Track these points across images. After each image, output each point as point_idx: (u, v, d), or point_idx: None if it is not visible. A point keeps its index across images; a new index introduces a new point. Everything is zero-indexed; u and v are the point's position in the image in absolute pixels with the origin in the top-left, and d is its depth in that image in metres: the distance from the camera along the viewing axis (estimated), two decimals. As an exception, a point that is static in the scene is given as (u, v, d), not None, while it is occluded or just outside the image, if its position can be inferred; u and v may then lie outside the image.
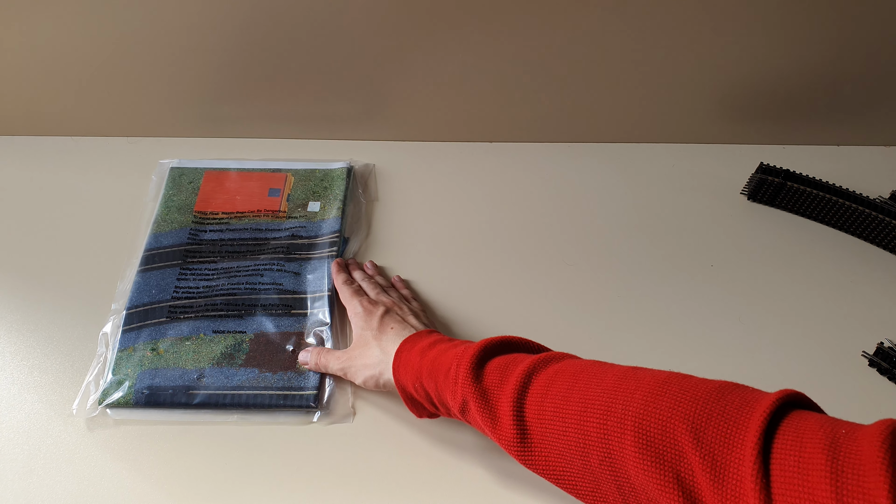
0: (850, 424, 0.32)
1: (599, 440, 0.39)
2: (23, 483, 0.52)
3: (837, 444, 0.31)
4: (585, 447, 0.40)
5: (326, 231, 0.68)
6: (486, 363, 0.46)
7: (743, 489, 0.32)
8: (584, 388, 0.41)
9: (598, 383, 0.41)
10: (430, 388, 0.49)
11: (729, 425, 0.34)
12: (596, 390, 0.40)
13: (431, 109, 0.76)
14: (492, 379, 0.45)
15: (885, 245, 0.68)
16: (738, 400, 0.35)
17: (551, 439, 0.42)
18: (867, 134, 0.77)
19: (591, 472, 0.40)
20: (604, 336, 0.61)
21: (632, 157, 0.77)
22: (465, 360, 0.46)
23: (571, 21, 0.66)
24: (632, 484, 0.37)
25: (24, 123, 0.77)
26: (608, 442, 0.38)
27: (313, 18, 0.67)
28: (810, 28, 0.67)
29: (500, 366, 0.45)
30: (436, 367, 0.48)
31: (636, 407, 0.38)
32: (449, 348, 0.49)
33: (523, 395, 0.43)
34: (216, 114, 0.76)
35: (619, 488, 0.39)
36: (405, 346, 0.52)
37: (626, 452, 0.37)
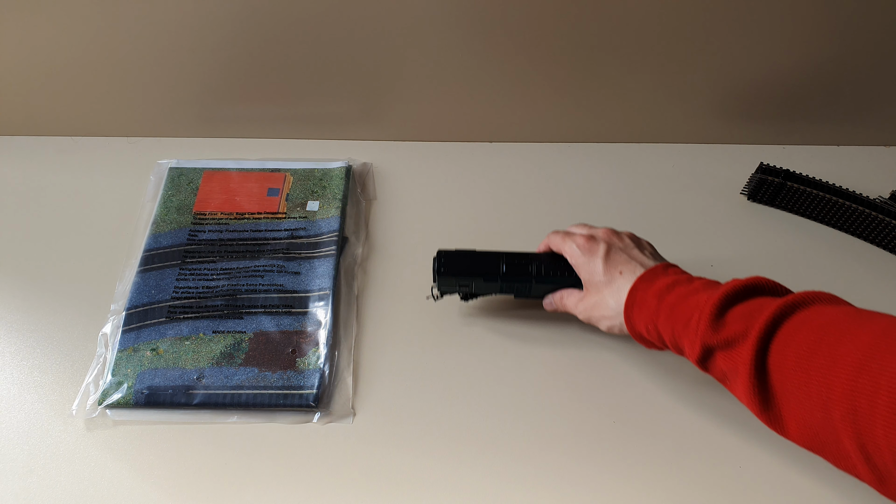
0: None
1: (845, 396, 0.37)
2: (23, 483, 0.52)
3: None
4: (828, 401, 0.38)
5: (326, 230, 0.68)
6: (727, 311, 0.45)
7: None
8: (835, 343, 0.39)
9: (852, 339, 0.38)
10: (664, 333, 0.48)
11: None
12: (848, 346, 0.38)
13: (430, 109, 0.75)
14: (735, 328, 0.44)
15: (885, 245, 0.67)
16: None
17: (791, 390, 0.41)
18: (867, 134, 0.77)
19: (832, 426, 0.39)
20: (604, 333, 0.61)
21: (632, 157, 0.77)
22: (707, 309, 0.45)
23: (571, 21, 0.66)
24: (877, 444, 0.36)
25: (23, 123, 0.77)
26: (856, 399, 0.37)
27: (312, 18, 0.66)
28: (810, 28, 0.67)
29: (745, 313, 0.44)
30: (674, 314, 0.47)
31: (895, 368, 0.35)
32: (690, 293, 0.48)
33: (766, 346, 0.42)
34: (215, 114, 0.76)
35: (860, 447, 0.37)
36: (640, 286, 0.51)
37: (877, 412, 0.36)
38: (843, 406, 0.37)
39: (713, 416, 0.55)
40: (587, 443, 0.54)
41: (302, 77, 0.72)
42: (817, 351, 0.40)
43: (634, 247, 0.55)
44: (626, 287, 0.52)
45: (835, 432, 0.39)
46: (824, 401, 0.39)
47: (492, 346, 0.60)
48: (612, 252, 0.54)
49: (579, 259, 0.55)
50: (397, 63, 0.71)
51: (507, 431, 0.55)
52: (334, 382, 0.58)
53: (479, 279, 0.57)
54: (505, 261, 0.57)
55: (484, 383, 0.58)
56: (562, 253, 0.56)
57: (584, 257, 0.54)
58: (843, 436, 0.38)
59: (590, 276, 0.54)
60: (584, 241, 0.55)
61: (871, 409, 0.36)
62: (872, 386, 0.36)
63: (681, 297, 0.48)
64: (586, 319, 0.56)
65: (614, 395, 0.57)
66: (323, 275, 0.64)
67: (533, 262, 0.57)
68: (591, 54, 0.69)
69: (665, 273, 0.51)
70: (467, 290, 0.59)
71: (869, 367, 0.37)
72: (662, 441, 0.54)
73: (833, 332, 0.40)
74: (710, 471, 0.53)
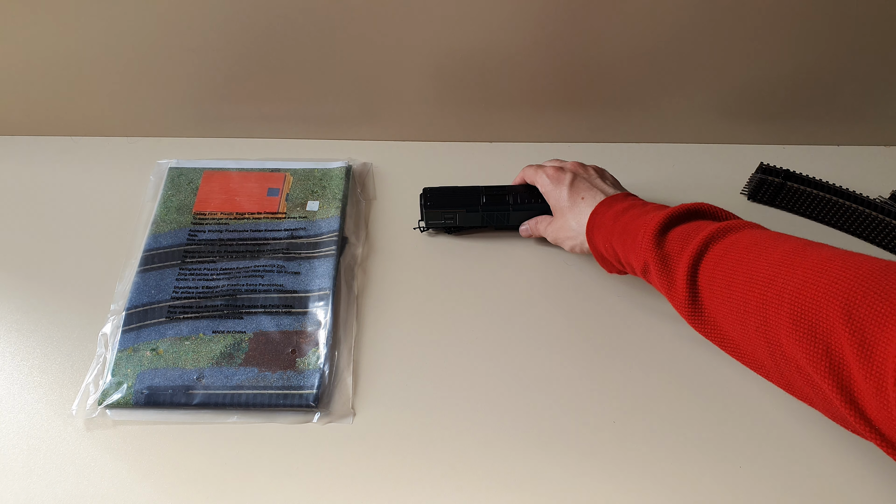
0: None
1: (757, 308, 0.41)
2: (22, 483, 0.52)
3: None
4: (745, 314, 0.42)
5: (326, 230, 0.68)
6: (669, 230, 0.50)
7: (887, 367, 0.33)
8: (754, 261, 0.43)
9: (767, 257, 0.42)
10: (619, 250, 0.54)
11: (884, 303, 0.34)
12: (763, 263, 0.42)
13: (430, 109, 0.75)
14: (672, 246, 0.49)
15: (885, 245, 0.67)
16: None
17: (717, 304, 0.45)
18: (867, 134, 0.77)
19: (749, 338, 0.43)
20: (605, 330, 0.61)
21: (632, 157, 0.77)
22: (651, 228, 0.50)
23: (571, 22, 0.66)
24: (783, 352, 0.40)
25: (23, 123, 0.77)
26: (765, 311, 0.41)
27: (312, 18, 0.66)
28: (810, 28, 0.66)
29: (682, 234, 0.49)
30: (626, 232, 0.53)
31: (796, 282, 0.39)
32: (640, 214, 0.53)
33: (698, 263, 0.47)
34: (215, 114, 0.76)
35: (771, 355, 0.41)
36: (599, 209, 0.57)
37: (781, 322, 0.39)
38: (756, 318, 0.42)
39: (713, 416, 0.56)
40: (587, 442, 0.54)
41: (302, 77, 0.72)
42: (738, 269, 0.44)
43: (598, 177, 0.61)
44: (587, 211, 0.58)
45: (751, 342, 0.43)
46: (742, 314, 0.43)
47: (492, 346, 0.60)
48: (576, 181, 0.60)
49: (548, 187, 0.61)
50: (398, 63, 0.71)
51: (507, 431, 0.55)
52: (334, 382, 0.58)
53: (461, 210, 0.65)
54: (484, 193, 0.65)
55: (484, 383, 0.58)
56: (534, 183, 0.63)
57: (552, 185, 0.61)
58: (758, 345, 0.42)
59: (557, 202, 0.61)
60: (554, 171, 0.62)
61: (777, 319, 0.39)
62: (777, 299, 0.40)
63: (633, 217, 0.53)
64: (553, 241, 0.63)
65: (615, 394, 0.57)
66: (323, 275, 0.64)
67: (509, 194, 0.65)
68: (592, 54, 0.69)
69: (624, 199, 0.57)
70: (452, 222, 0.66)
71: (775, 281, 0.41)
72: (663, 441, 0.54)
73: (753, 252, 0.44)
74: (711, 471, 0.53)
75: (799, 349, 0.38)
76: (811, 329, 0.37)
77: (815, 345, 0.37)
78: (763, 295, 0.41)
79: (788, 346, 0.39)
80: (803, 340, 0.37)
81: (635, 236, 0.51)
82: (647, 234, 0.50)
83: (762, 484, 0.52)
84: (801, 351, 0.37)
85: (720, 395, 0.56)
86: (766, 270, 0.42)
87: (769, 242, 0.44)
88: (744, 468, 0.53)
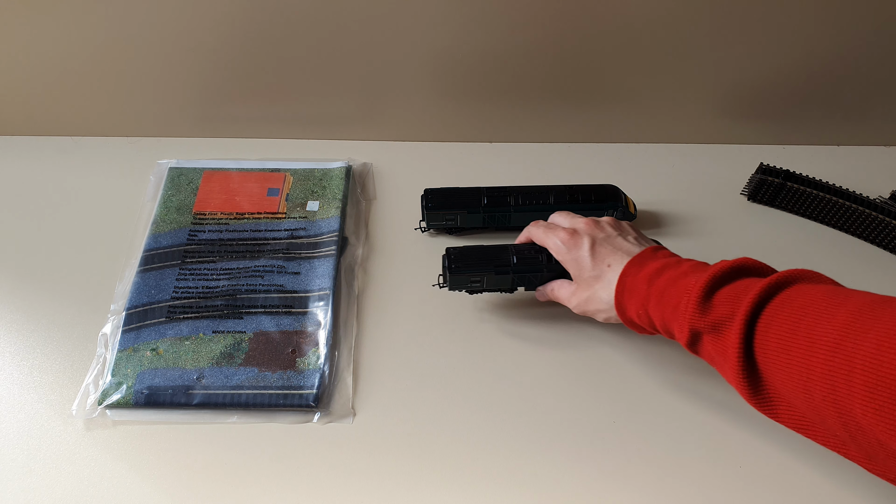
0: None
1: (824, 376, 0.38)
2: (22, 483, 0.52)
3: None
4: (808, 382, 0.39)
5: (326, 230, 0.68)
6: (714, 294, 0.45)
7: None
8: (813, 324, 0.39)
9: (829, 319, 0.39)
10: (655, 318, 0.48)
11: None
12: (826, 326, 0.38)
13: (430, 109, 0.75)
14: (721, 311, 0.44)
15: (885, 245, 0.67)
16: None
17: (775, 372, 0.41)
18: (867, 134, 0.77)
19: (815, 407, 0.39)
20: (605, 329, 0.61)
21: (632, 157, 0.77)
22: (695, 293, 0.45)
23: (571, 22, 0.66)
24: (858, 423, 0.36)
25: (23, 123, 0.77)
26: (833, 379, 0.37)
27: (312, 18, 0.66)
28: (810, 28, 0.67)
29: (731, 296, 0.44)
30: (664, 299, 0.47)
31: (869, 348, 0.36)
32: (678, 277, 0.48)
33: (753, 326, 0.42)
34: (215, 114, 0.76)
35: (844, 426, 0.38)
36: (629, 271, 0.51)
37: (854, 392, 0.36)
38: (822, 386, 0.38)
39: (714, 416, 0.55)
40: (588, 442, 0.54)
41: (302, 77, 0.72)
42: (797, 332, 0.40)
43: (618, 235, 0.54)
44: (615, 280, 0.51)
45: (819, 413, 0.39)
46: (805, 381, 0.39)
47: (492, 346, 0.60)
48: (596, 245, 0.53)
49: (565, 255, 0.55)
50: (397, 63, 0.71)
51: (508, 431, 0.55)
52: (334, 382, 0.58)
53: (463, 211, 0.64)
54: (485, 194, 0.64)
55: (484, 383, 0.58)
56: (544, 245, 0.57)
57: (570, 253, 0.54)
58: (827, 415, 0.38)
59: (578, 271, 0.54)
60: (567, 235, 0.55)
61: (849, 389, 0.36)
62: (847, 365, 0.36)
63: (670, 280, 0.48)
64: (582, 313, 0.55)
65: (615, 394, 0.57)
66: (323, 275, 0.64)
67: (511, 195, 0.65)
68: (592, 54, 0.69)
69: (654, 257, 0.51)
70: (453, 223, 0.64)
71: (844, 346, 0.37)
72: (663, 441, 0.54)
73: (811, 313, 0.40)
74: (711, 470, 0.53)
75: (878, 423, 0.35)
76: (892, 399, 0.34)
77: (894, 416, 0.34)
78: (829, 362, 0.37)
79: (864, 419, 0.36)
80: (883, 412, 0.34)
81: (677, 303, 0.46)
82: (692, 301, 0.45)
83: (762, 484, 0.52)
84: (883, 424, 0.34)
85: (720, 395, 0.56)
86: (831, 335, 0.38)
87: (830, 300, 0.40)
88: (744, 468, 0.53)
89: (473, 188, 0.66)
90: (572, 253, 0.54)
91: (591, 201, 0.65)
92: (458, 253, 0.59)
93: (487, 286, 0.59)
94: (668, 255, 0.52)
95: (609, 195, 0.66)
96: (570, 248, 0.54)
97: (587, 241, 0.54)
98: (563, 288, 0.56)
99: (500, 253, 0.58)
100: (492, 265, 0.58)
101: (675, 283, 0.47)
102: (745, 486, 0.52)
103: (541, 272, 0.58)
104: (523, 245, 0.59)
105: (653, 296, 0.48)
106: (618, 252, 0.52)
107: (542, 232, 0.57)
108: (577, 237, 0.54)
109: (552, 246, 0.56)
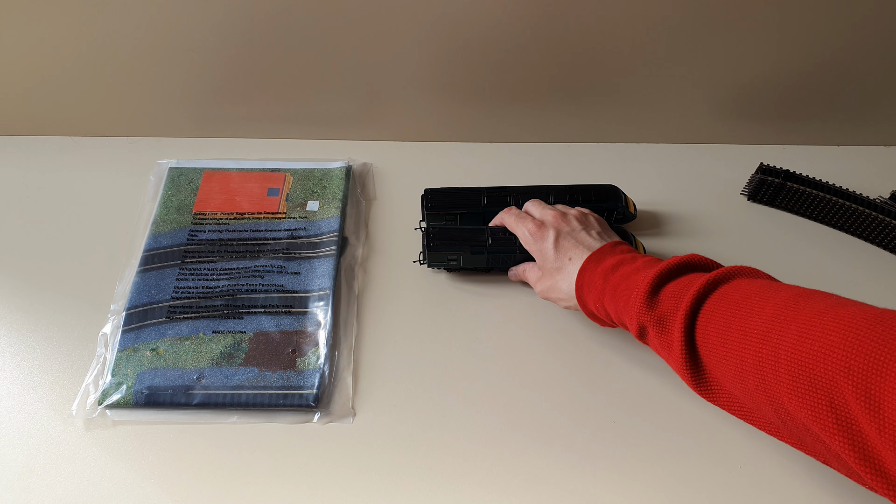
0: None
1: (754, 366, 0.40)
2: (22, 483, 0.52)
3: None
4: (742, 372, 0.41)
5: (326, 230, 0.68)
6: (661, 289, 0.47)
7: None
8: (746, 317, 0.42)
9: (759, 312, 0.41)
10: (610, 310, 0.51)
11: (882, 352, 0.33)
12: (756, 320, 0.41)
13: (430, 109, 0.75)
14: (666, 306, 0.46)
15: (885, 245, 0.67)
16: None
17: (715, 361, 0.43)
18: (867, 134, 0.77)
19: (750, 395, 0.41)
20: (605, 329, 0.61)
21: (632, 157, 0.77)
22: (642, 288, 0.48)
23: (570, 22, 0.66)
24: (786, 409, 0.39)
25: (23, 123, 0.77)
26: (762, 369, 0.39)
27: (312, 18, 0.66)
28: (810, 28, 0.66)
29: (675, 291, 0.47)
30: (617, 292, 0.50)
31: (790, 338, 0.38)
32: (630, 273, 0.50)
33: (693, 320, 0.45)
34: (215, 114, 0.76)
35: (776, 412, 0.40)
36: (588, 267, 0.53)
37: (781, 380, 0.38)
38: (754, 376, 0.41)
39: (714, 416, 0.55)
40: (588, 442, 0.54)
41: (302, 77, 0.72)
42: (732, 325, 0.42)
43: (582, 229, 0.57)
44: (575, 272, 0.54)
45: (754, 400, 0.41)
46: (740, 372, 0.41)
47: (492, 346, 0.60)
48: (560, 238, 0.56)
49: (531, 245, 0.58)
50: (397, 63, 0.71)
51: (508, 431, 0.55)
52: (334, 382, 0.58)
53: (462, 210, 0.65)
54: (486, 194, 0.65)
55: (484, 383, 0.58)
56: (515, 234, 0.60)
57: (536, 244, 0.58)
58: (761, 403, 0.41)
59: (542, 261, 0.58)
60: (535, 227, 0.58)
61: (776, 377, 0.38)
62: (774, 356, 0.39)
63: (624, 276, 0.50)
64: (545, 298, 0.59)
65: (615, 394, 0.57)
66: (323, 275, 0.64)
67: (511, 195, 0.65)
68: (592, 54, 0.69)
69: (612, 252, 0.54)
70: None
71: (770, 337, 0.39)
72: (663, 440, 0.54)
73: (745, 306, 0.42)
74: (711, 470, 0.53)
75: (801, 408, 0.37)
76: (812, 386, 0.36)
77: (817, 402, 0.36)
78: (758, 353, 0.40)
79: (790, 404, 0.38)
80: (805, 398, 0.36)
81: (628, 297, 0.49)
82: (639, 296, 0.47)
83: (762, 484, 0.52)
84: (805, 410, 0.36)
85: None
86: (760, 327, 0.40)
87: (762, 294, 0.42)
88: (744, 468, 0.53)
89: (473, 188, 0.66)
90: (538, 244, 0.57)
91: (591, 201, 0.65)
92: (437, 232, 0.63)
93: (464, 264, 0.63)
94: (626, 251, 0.54)
95: (609, 195, 0.66)
96: (536, 239, 0.58)
97: (552, 233, 0.57)
98: (532, 271, 0.60)
99: (477, 234, 0.63)
100: (468, 245, 0.62)
101: (627, 278, 0.50)
102: (746, 486, 0.52)
103: (514, 254, 0.62)
104: (498, 227, 0.63)
105: (608, 290, 0.51)
106: (579, 246, 0.55)
107: (514, 220, 0.60)
108: (544, 229, 0.57)
109: (521, 235, 0.59)
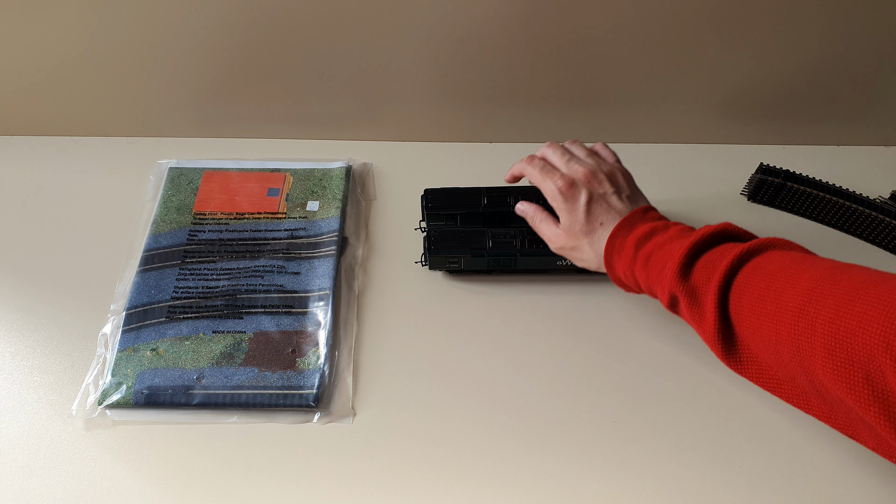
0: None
1: (790, 339, 0.40)
2: (22, 483, 0.52)
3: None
4: (777, 344, 0.41)
5: (326, 230, 0.68)
6: (696, 261, 0.47)
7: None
8: (780, 289, 0.41)
9: (794, 285, 0.41)
10: (641, 280, 0.51)
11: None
12: (791, 292, 0.41)
13: (430, 109, 0.75)
14: (699, 277, 0.46)
15: (885, 245, 0.67)
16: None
17: (748, 335, 0.43)
18: (867, 134, 0.77)
19: (785, 366, 0.41)
20: (605, 329, 0.61)
21: (632, 157, 0.77)
22: (676, 259, 0.47)
23: (570, 21, 0.66)
24: (821, 381, 0.39)
25: (23, 123, 0.77)
26: (798, 341, 0.39)
27: (312, 18, 0.66)
28: (810, 28, 0.67)
29: (708, 263, 0.46)
30: (650, 263, 0.50)
31: (828, 312, 0.38)
32: (664, 242, 0.50)
33: (727, 292, 0.44)
34: (215, 114, 0.76)
35: (811, 382, 0.40)
36: (619, 234, 0.53)
37: (816, 353, 0.38)
38: (789, 348, 0.40)
39: (715, 416, 0.55)
40: (587, 442, 0.54)
41: (302, 77, 0.72)
42: (766, 297, 0.42)
43: (613, 192, 0.55)
44: (605, 238, 0.53)
45: (789, 371, 0.41)
46: (774, 344, 0.41)
47: (493, 346, 0.60)
48: (592, 202, 0.54)
49: (560, 204, 0.56)
50: (397, 63, 0.71)
51: (508, 431, 0.55)
52: (334, 382, 0.58)
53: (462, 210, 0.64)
54: (486, 194, 0.64)
55: (484, 383, 0.58)
56: (537, 186, 0.58)
57: (566, 203, 0.55)
58: (796, 374, 0.41)
59: (570, 223, 0.55)
60: (566, 185, 0.55)
61: (811, 350, 0.38)
62: (810, 329, 0.39)
63: (656, 245, 0.50)
64: (559, 252, 0.58)
65: (615, 394, 0.57)
66: (323, 275, 0.64)
67: (511, 195, 0.64)
68: (592, 54, 0.69)
69: (643, 219, 0.53)
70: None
71: (807, 310, 0.39)
72: (663, 440, 0.54)
73: (780, 279, 0.42)
74: (711, 470, 0.53)
75: (837, 380, 0.37)
76: (848, 359, 0.36)
77: (853, 375, 0.36)
78: (794, 325, 0.40)
79: (825, 376, 0.38)
80: (841, 371, 0.36)
81: (662, 268, 0.48)
82: (672, 267, 0.47)
83: (762, 484, 0.52)
84: (840, 382, 0.37)
85: (721, 395, 0.56)
86: (796, 300, 0.40)
87: (796, 267, 0.42)
88: (744, 468, 0.53)
89: (473, 188, 0.66)
90: (568, 204, 0.55)
91: None
92: (438, 235, 0.63)
93: (465, 267, 0.64)
94: (657, 218, 0.54)
95: None
96: (566, 198, 0.55)
97: (584, 196, 0.55)
98: (548, 226, 0.58)
99: (478, 237, 0.63)
100: (469, 247, 0.62)
101: (660, 248, 0.50)
102: (746, 486, 0.52)
103: (514, 256, 0.62)
104: (499, 230, 0.63)
105: (640, 259, 0.51)
106: (611, 211, 0.54)
107: (539, 174, 0.57)
108: (575, 189, 0.55)
109: (548, 191, 0.56)
